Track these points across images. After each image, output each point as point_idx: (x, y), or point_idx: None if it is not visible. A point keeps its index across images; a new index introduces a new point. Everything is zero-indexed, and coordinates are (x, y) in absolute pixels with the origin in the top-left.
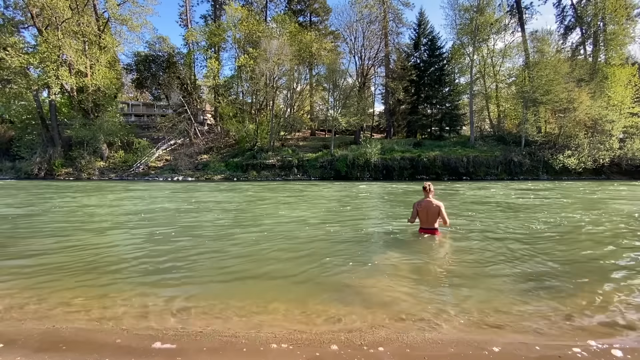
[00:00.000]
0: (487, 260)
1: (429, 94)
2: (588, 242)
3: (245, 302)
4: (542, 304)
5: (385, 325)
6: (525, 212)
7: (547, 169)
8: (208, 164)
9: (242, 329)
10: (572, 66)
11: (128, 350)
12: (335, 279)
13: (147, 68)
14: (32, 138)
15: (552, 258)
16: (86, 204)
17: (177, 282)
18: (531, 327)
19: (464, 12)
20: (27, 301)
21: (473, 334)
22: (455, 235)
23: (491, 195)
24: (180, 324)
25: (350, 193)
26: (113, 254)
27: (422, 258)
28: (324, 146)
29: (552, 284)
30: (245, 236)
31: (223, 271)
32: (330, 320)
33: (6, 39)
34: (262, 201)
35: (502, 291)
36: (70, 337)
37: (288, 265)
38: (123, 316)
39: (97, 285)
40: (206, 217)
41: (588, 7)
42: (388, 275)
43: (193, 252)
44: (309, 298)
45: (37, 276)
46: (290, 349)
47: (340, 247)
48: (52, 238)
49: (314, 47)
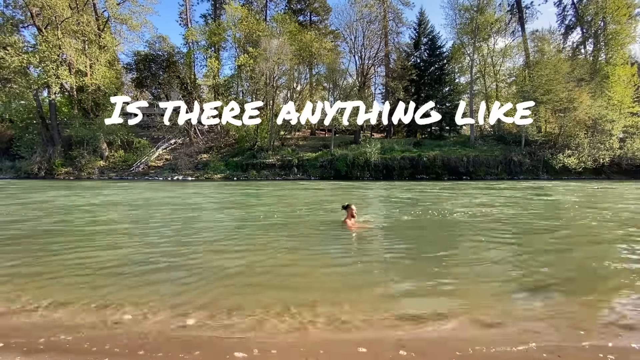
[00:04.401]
0: (486, 260)
1: (429, 94)
2: (588, 242)
3: (239, 304)
4: (542, 303)
5: (381, 324)
6: (526, 212)
7: (547, 168)
8: (208, 163)
9: (241, 330)
10: (573, 66)
11: (128, 351)
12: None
13: (147, 67)
14: (32, 137)
15: (552, 258)
16: (92, 202)
17: (177, 281)
18: (531, 326)
19: (464, 12)
20: (27, 301)
21: (471, 332)
22: (454, 234)
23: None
24: (180, 324)
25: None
26: (113, 254)
27: (414, 253)
28: (323, 146)
29: (552, 284)
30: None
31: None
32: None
33: (6, 38)
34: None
35: (502, 291)
36: (70, 337)
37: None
38: (123, 316)
39: (98, 286)
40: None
41: (589, 7)
42: (382, 271)
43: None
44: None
45: (38, 276)
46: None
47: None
48: (53, 238)
49: (314, 47)
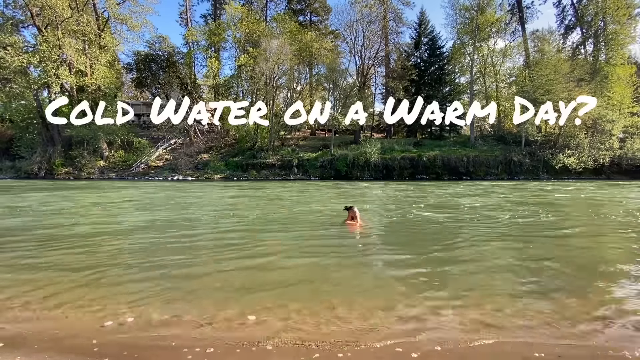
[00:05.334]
0: (485, 259)
1: (429, 94)
2: (588, 242)
3: (241, 305)
4: (542, 303)
5: (383, 324)
6: (529, 213)
7: (547, 168)
8: (208, 163)
9: (240, 330)
10: (573, 66)
11: (128, 351)
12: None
13: (147, 67)
14: (32, 137)
15: (552, 257)
16: (93, 202)
17: (177, 282)
18: (531, 326)
19: (464, 12)
20: (27, 301)
21: (472, 333)
22: (453, 232)
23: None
24: (180, 324)
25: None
26: (114, 254)
27: (415, 252)
28: (323, 146)
29: (552, 283)
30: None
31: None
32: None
33: (6, 38)
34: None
35: (502, 290)
36: (70, 337)
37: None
38: (124, 316)
39: (98, 286)
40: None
41: (589, 7)
42: (382, 271)
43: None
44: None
45: (38, 276)
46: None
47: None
48: (53, 237)
49: (314, 47)
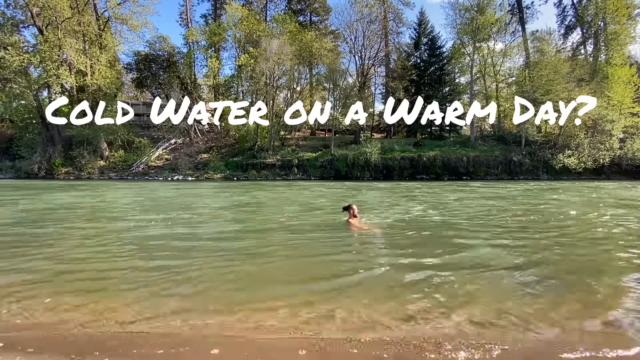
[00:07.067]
0: (485, 259)
1: (429, 94)
2: (588, 242)
3: (244, 301)
4: (543, 303)
5: (384, 322)
6: (531, 212)
7: (547, 168)
8: (208, 163)
9: (240, 329)
10: (573, 66)
11: (129, 351)
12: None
13: (147, 67)
14: (32, 137)
15: (552, 257)
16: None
17: (176, 282)
18: (531, 327)
19: (464, 12)
20: (27, 301)
21: (473, 333)
22: (455, 233)
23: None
24: (181, 323)
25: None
26: (114, 254)
27: (418, 254)
28: (324, 146)
29: (553, 284)
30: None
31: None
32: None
33: (6, 38)
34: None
35: (503, 290)
36: (70, 337)
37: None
38: (124, 316)
39: (98, 286)
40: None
41: (589, 7)
42: (382, 271)
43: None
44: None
45: (38, 276)
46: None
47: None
48: (53, 238)
49: (314, 47)
